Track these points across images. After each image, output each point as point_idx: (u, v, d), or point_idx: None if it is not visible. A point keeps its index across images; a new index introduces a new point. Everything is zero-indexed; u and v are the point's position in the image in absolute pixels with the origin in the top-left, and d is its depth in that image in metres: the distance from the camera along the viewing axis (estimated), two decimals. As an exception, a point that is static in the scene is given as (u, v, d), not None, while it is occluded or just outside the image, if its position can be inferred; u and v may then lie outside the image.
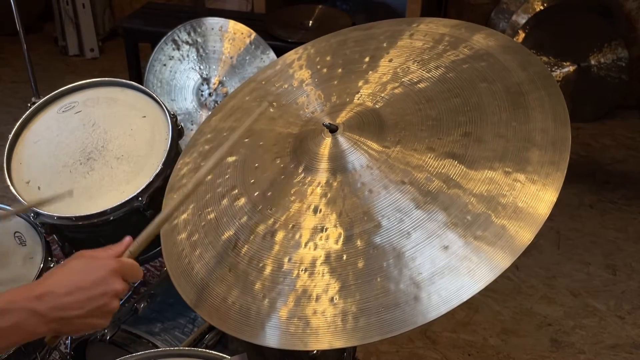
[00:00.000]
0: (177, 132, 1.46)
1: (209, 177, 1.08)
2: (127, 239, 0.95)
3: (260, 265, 0.93)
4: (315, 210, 0.94)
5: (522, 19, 3.30)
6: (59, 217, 1.34)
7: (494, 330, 2.17)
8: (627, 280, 2.39)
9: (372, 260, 0.86)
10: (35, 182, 1.40)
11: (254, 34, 1.91)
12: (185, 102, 1.91)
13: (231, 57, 1.90)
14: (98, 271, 0.87)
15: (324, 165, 1.00)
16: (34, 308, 0.82)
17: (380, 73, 1.10)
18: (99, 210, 1.32)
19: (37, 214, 1.35)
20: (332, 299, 0.85)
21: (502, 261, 0.80)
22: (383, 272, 0.84)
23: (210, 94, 1.91)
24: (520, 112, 0.93)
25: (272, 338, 0.86)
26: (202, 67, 1.91)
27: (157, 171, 1.35)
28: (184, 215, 1.09)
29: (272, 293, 0.89)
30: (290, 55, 1.28)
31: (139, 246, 0.94)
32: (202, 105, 1.91)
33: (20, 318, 0.82)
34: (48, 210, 1.34)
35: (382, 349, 2.08)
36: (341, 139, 1.01)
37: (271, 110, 1.15)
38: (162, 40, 1.90)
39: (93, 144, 1.44)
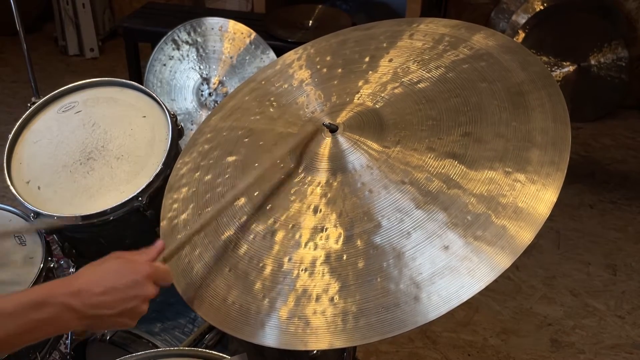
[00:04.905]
0: (177, 132, 1.45)
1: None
2: (160, 243, 0.98)
3: (260, 265, 0.93)
4: (315, 210, 0.94)
5: (522, 19, 3.31)
6: (59, 217, 1.34)
7: (494, 330, 2.17)
8: (627, 280, 2.39)
9: (372, 260, 0.86)
10: (35, 182, 1.39)
11: (254, 34, 1.91)
12: (185, 102, 1.91)
13: (231, 57, 1.90)
14: (133, 274, 0.89)
15: (324, 165, 1.00)
16: (70, 303, 0.85)
17: (380, 73, 1.10)
18: (99, 210, 1.32)
19: (37, 214, 1.34)
20: (332, 299, 0.85)
21: (502, 261, 0.80)
22: (383, 272, 0.84)
23: (210, 94, 1.91)
24: (520, 112, 0.93)
25: (272, 338, 0.86)
26: (202, 67, 1.90)
27: (157, 171, 1.35)
28: (184, 215, 1.09)
29: (272, 293, 0.89)
30: (290, 55, 1.28)
31: (173, 253, 0.97)
32: (202, 105, 1.91)
33: (57, 312, 0.84)
34: (49, 211, 1.34)
35: (382, 349, 2.09)
36: (341, 139, 1.01)
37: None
38: (162, 40, 1.90)
39: (93, 144, 1.44)
